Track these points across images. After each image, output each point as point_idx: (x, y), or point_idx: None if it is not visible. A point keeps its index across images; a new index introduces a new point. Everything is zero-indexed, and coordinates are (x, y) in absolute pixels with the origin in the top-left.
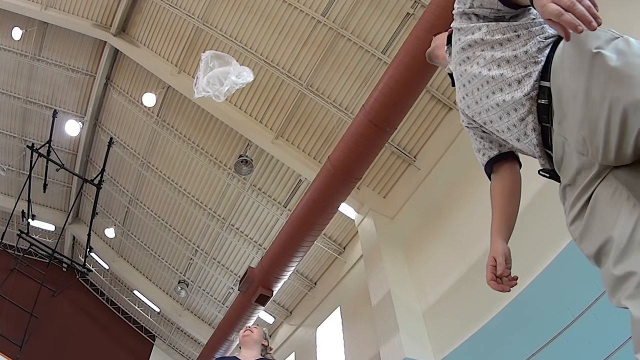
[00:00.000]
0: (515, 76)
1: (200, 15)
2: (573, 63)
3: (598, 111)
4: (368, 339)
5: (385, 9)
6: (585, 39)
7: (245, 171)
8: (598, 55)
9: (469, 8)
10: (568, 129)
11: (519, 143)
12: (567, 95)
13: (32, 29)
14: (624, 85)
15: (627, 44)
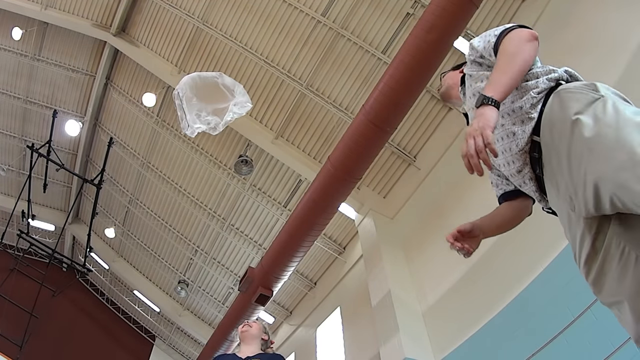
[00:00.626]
0: (513, 129)
1: (200, 15)
2: (556, 125)
3: (577, 177)
4: (368, 339)
5: (385, 9)
6: (567, 102)
7: (245, 171)
8: (577, 123)
9: (480, 57)
10: (556, 184)
11: (522, 187)
12: (553, 154)
13: (32, 29)
14: (595, 158)
15: (603, 109)
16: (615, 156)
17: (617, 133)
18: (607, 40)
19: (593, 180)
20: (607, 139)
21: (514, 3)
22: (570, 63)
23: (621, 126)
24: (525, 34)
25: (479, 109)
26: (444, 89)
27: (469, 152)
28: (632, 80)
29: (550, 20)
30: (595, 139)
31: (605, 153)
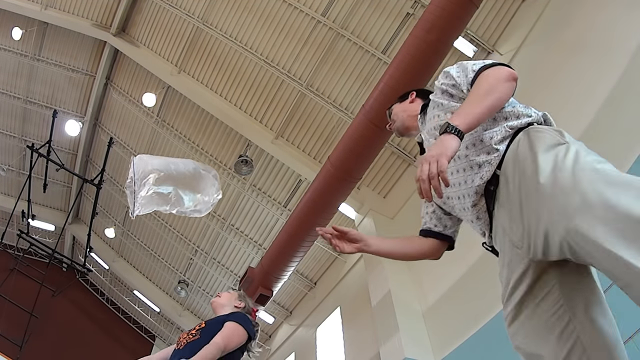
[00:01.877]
0: (478, 160)
1: (200, 15)
2: (519, 163)
3: (529, 218)
4: (368, 339)
5: (385, 9)
6: (534, 141)
7: (245, 171)
8: (537, 165)
9: (452, 87)
10: (507, 219)
11: (472, 224)
12: (510, 190)
13: (32, 29)
14: (549, 202)
15: (565, 155)
16: (569, 201)
17: (574, 179)
18: (607, 40)
19: (545, 224)
20: (563, 184)
21: (514, 3)
22: (570, 63)
23: (578, 171)
24: (504, 73)
25: (441, 135)
26: (399, 123)
27: (421, 176)
28: (632, 80)
29: (550, 20)
30: (551, 184)
31: (560, 198)
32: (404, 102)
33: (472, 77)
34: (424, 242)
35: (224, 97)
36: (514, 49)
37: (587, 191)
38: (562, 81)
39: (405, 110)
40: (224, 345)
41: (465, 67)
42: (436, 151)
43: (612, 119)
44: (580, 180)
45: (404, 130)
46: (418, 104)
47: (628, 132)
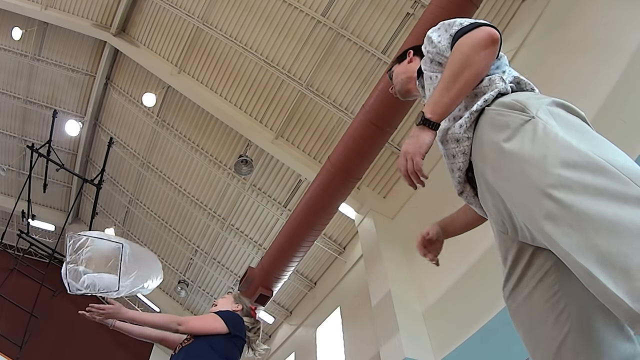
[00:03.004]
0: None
1: (200, 15)
2: (483, 148)
3: (504, 206)
4: (368, 339)
5: (385, 9)
6: (496, 125)
7: (245, 171)
8: (501, 149)
9: (437, 55)
10: (486, 206)
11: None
12: (480, 178)
13: (32, 29)
14: (519, 199)
15: (532, 134)
16: (538, 202)
17: (541, 172)
18: (607, 40)
19: (522, 220)
20: (531, 178)
21: (514, 3)
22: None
23: (548, 169)
24: (482, 37)
25: (416, 127)
26: (399, 86)
27: (402, 172)
28: (632, 80)
29: (550, 20)
30: (520, 177)
31: (530, 196)
32: (402, 62)
33: (450, 43)
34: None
35: (224, 97)
36: (514, 49)
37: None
38: (562, 81)
39: (404, 71)
40: (188, 320)
41: (445, 28)
42: (411, 148)
43: (612, 118)
44: (549, 174)
45: (405, 93)
46: (417, 63)
47: (628, 132)
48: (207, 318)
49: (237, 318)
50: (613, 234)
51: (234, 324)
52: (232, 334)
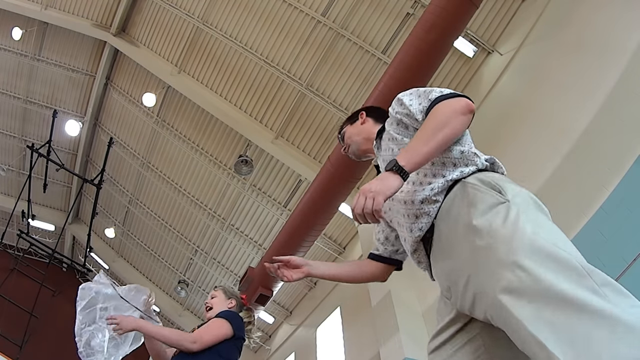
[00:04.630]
0: (416, 211)
1: (200, 15)
2: (452, 219)
3: (458, 276)
4: (368, 339)
5: (385, 9)
6: (471, 198)
7: (245, 171)
8: (472, 226)
9: (406, 116)
10: (437, 270)
11: (412, 256)
12: (443, 243)
13: (32, 29)
14: (478, 270)
15: (504, 218)
16: (501, 273)
17: (510, 255)
18: (607, 40)
19: (473, 289)
20: (498, 257)
21: (514, 3)
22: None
23: (516, 248)
24: (461, 104)
25: (385, 171)
26: (354, 147)
27: (356, 210)
28: (632, 80)
29: (550, 20)
30: (487, 252)
31: (494, 271)
32: (355, 123)
33: (426, 105)
34: (373, 265)
35: (224, 97)
36: (514, 49)
37: (523, 269)
38: (562, 81)
39: (359, 133)
40: (199, 336)
41: (419, 94)
42: (375, 187)
43: (612, 119)
44: (517, 255)
45: (360, 154)
46: (371, 124)
47: (628, 132)
48: (215, 327)
49: (238, 318)
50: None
51: (237, 325)
52: (236, 337)
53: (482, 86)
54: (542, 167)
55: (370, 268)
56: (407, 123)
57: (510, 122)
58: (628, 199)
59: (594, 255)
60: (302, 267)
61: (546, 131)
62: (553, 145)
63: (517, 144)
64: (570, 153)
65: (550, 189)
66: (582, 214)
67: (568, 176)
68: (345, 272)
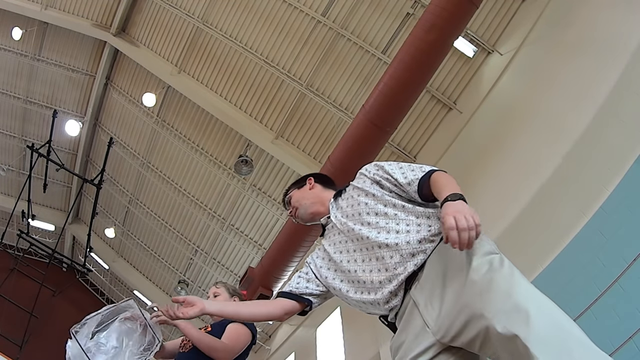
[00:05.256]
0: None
1: (200, 15)
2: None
3: (450, 306)
4: (368, 339)
5: (385, 9)
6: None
7: (245, 171)
8: (471, 262)
9: (386, 180)
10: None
11: (368, 305)
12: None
13: (32, 29)
14: (475, 300)
15: (500, 263)
16: (502, 303)
17: (510, 288)
18: (607, 40)
19: (467, 316)
20: (497, 287)
21: (514, 3)
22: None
23: (515, 284)
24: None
25: (455, 202)
26: (302, 210)
27: (462, 226)
28: (632, 80)
29: (550, 20)
30: (486, 284)
31: (493, 298)
32: (302, 188)
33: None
34: (275, 303)
35: (224, 97)
36: (514, 49)
37: (520, 298)
38: (562, 81)
39: (309, 197)
40: (232, 347)
41: (405, 168)
42: (464, 208)
43: (612, 119)
44: (516, 290)
45: (308, 217)
46: (319, 189)
47: (628, 132)
48: (238, 334)
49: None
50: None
51: (254, 330)
52: (252, 341)
53: (482, 86)
54: (542, 167)
55: (270, 307)
56: (384, 185)
57: (510, 122)
58: (628, 199)
59: (594, 256)
60: (197, 304)
61: (546, 131)
62: (553, 145)
63: (517, 144)
64: (570, 153)
65: (550, 189)
66: (582, 214)
67: (568, 176)
68: (245, 310)
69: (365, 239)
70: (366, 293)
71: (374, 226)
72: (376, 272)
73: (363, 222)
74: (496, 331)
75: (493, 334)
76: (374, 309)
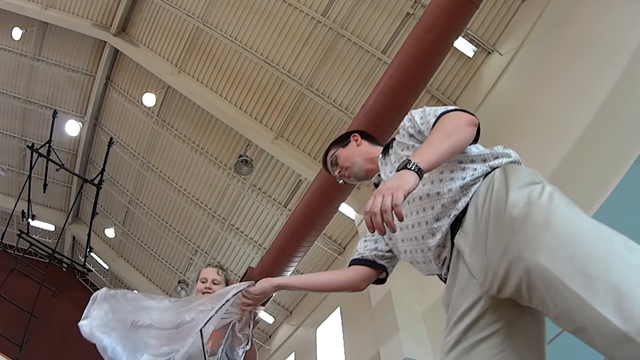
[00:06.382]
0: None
1: (200, 15)
2: (490, 195)
3: (493, 250)
4: (368, 339)
5: (385, 9)
6: (509, 177)
7: (245, 171)
8: (509, 198)
9: (418, 133)
10: (469, 250)
11: (421, 265)
12: (478, 222)
13: (32, 29)
14: (514, 237)
15: (539, 194)
16: (540, 238)
17: (547, 218)
18: (607, 40)
19: (509, 258)
20: (535, 220)
21: (514, 3)
22: (570, 63)
23: (551, 211)
24: (466, 118)
25: (399, 171)
26: (356, 167)
27: (372, 209)
28: (632, 80)
29: (550, 20)
30: (523, 219)
31: (531, 233)
32: (348, 146)
33: (433, 121)
34: (350, 271)
35: (224, 97)
36: (514, 49)
37: (559, 231)
38: (562, 81)
39: (359, 154)
40: None
41: (428, 112)
42: (392, 184)
43: (612, 119)
44: (553, 220)
45: (363, 175)
46: (367, 145)
47: (628, 132)
48: None
49: None
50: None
51: None
52: None
53: (482, 86)
54: (542, 167)
55: (347, 274)
56: (419, 139)
57: (510, 122)
58: (628, 199)
59: None
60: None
61: (546, 131)
62: (553, 145)
63: (517, 144)
64: (570, 153)
65: None
66: None
67: (568, 176)
68: (329, 286)
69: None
70: (420, 251)
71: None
72: (424, 225)
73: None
74: (535, 271)
75: (533, 275)
76: (428, 267)
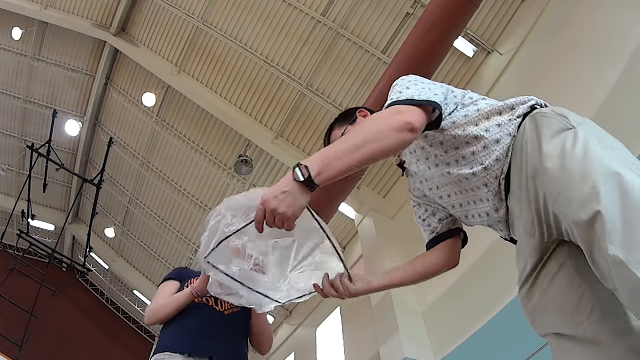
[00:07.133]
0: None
1: (200, 15)
2: (526, 150)
3: (537, 204)
4: (368, 339)
5: (385, 9)
6: (540, 127)
7: (245, 171)
8: (544, 150)
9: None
10: (518, 208)
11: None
12: (520, 179)
13: (32, 29)
14: (552, 190)
15: (573, 142)
16: (577, 189)
17: (583, 166)
18: (607, 40)
19: (552, 210)
20: (571, 171)
21: (514, 3)
22: (570, 62)
23: (587, 160)
24: (399, 121)
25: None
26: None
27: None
28: (632, 80)
29: (550, 20)
30: (559, 170)
31: (568, 185)
32: (356, 123)
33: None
34: (443, 251)
35: (224, 97)
36: (514, 49)
37: (596, 181)
38: (562, 80)
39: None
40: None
41: (393, 91)
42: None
43: (612, 118)
44: (589, 170)
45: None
46: None
47: (628, 132)
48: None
49: None
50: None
51: None
52: None
53: (482, 86)
54: None
55: (432, 256)
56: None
57: None
58: None
59: None
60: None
61: None
62: None
63: None
64: None
65: None
66: None
67: None
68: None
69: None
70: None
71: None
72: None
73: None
74: (577, 225)
75: (577, 233)
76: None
